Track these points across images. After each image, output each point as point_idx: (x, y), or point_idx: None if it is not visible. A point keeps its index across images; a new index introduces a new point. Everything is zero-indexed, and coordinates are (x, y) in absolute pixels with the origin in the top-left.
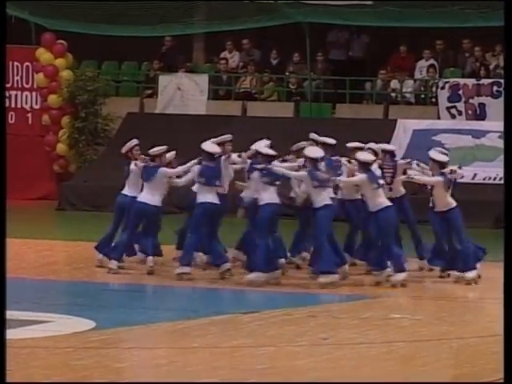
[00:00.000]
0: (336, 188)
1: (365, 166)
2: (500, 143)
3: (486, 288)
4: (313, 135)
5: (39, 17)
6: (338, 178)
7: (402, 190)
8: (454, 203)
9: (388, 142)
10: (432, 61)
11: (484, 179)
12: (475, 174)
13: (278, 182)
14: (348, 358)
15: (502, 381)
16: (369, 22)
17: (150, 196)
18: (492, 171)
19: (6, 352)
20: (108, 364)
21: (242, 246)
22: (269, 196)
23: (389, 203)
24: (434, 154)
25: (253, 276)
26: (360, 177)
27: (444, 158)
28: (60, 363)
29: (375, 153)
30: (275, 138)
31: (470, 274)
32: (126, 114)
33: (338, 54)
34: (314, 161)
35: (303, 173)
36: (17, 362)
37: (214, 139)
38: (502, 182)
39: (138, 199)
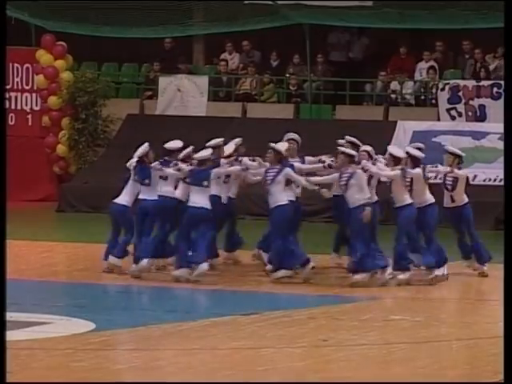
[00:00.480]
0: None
1: (417, 162)
2: (500, 145)
3: (486, 289)
4: (291, 135)
5: (39, 18)
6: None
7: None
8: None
9: (388, 144)
10: (432, 62)
11: (484, 181)
12: (475, 176)
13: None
14: (348, 359)
15: (501, 381)
16: (369, 24)
17: (204, 200)
18: (492, 173)
19: (6, 353)
20: (108, 366)
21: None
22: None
23: (433, 200)
24: (452, 148)
25: (358, 277)
26: (417, 171)
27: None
28: (59, 365)
29: (369, 154)
30: (275, 139)
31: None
32: (126, 115)
33: (338, 55)
34: (398, 160)
35: (397, 172)
36: (16, 363)
37: (208, 143)
38: (502, 183)
39: (192, 204)
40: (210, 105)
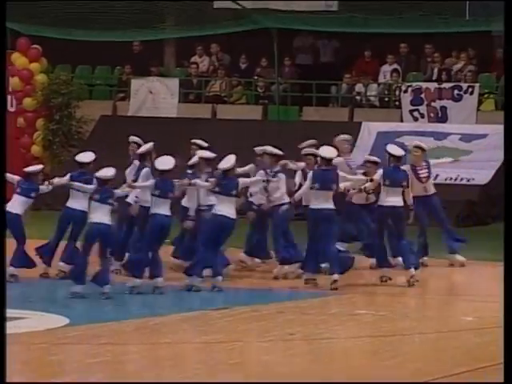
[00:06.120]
0: None
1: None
2: (461, 145)
3: (448, 285)
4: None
5: (14, 22)
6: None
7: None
8: None
9: (353, 144)
10: (395, 65)
11: (445, 179)
12: (437, 175)
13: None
14: (314, 352)
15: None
16: (334, 28)
17: (231, 210)
18: (453, 172)
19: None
20: (81, 359)
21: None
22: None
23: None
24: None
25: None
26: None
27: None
28: (34, 359)
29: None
30: (244, 140)
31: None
32: (99, 116)
33: (304, 58)
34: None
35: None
36: None
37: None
38: (463, 182)
39: (221, 213)
40: (181, 106)
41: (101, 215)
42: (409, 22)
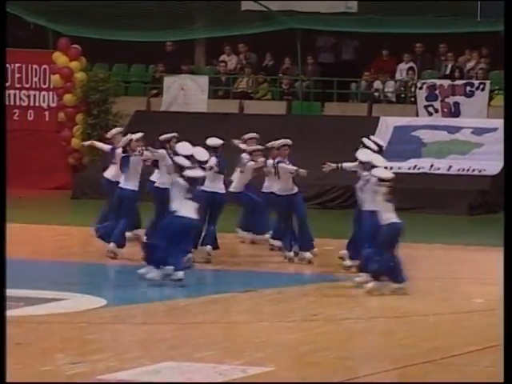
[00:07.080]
0: None
1: None
2: (473, 138)
3: (461, 269)
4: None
5: (56, 23)
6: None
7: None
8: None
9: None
10: (411, 63)
11: (458, 170)
12: (450, 166)
13: None
14: (335, 332)
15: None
16: (354, 29)
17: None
18: (466, 163)
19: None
20: (118, 338)
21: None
22: None
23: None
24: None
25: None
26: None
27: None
28: (74, 337)
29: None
30: (269, 133)
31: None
32: (134, 111)
33: (326, 57)
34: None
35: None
36: (35, 335)
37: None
38: (475, 173)
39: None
40: (210, 102)
41: None
42: (424, 23)
